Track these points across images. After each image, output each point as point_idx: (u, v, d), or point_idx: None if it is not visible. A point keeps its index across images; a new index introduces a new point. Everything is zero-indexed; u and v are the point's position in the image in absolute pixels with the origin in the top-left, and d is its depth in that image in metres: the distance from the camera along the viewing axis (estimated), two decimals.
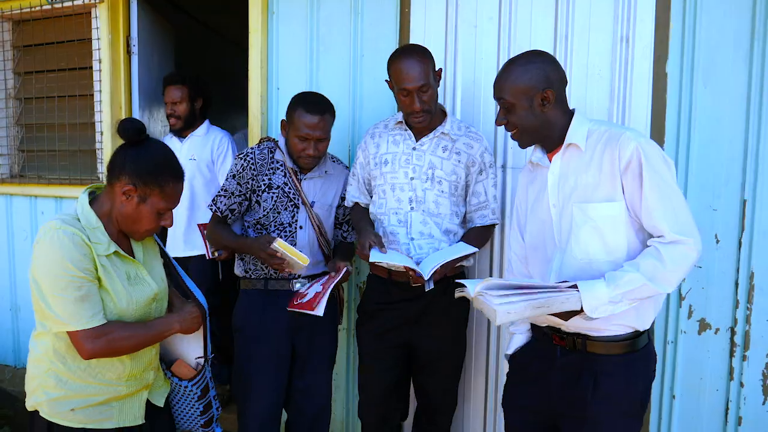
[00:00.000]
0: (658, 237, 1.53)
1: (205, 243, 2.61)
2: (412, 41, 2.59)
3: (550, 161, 1.71)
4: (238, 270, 2.37)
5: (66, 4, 3.30)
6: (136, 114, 3.32)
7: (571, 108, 1.73)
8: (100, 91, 3.28)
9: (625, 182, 1.56)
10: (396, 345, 2.21)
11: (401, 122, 2.20)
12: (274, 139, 2.38)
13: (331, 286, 2.11)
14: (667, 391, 2.28)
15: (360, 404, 2.37)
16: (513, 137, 1.73)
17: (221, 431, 1.95)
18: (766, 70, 2.07)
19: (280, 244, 2.08)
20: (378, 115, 2.70)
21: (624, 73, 2.26)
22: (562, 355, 1.69)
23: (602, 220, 1.59)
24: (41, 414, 1.60)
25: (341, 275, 2.15)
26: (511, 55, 2.39)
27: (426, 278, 1.87)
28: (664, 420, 2.29)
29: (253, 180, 2.26)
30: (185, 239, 3.12)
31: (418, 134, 2.17)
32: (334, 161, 2.43)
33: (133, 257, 1.67)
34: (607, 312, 1.52)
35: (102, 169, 3.32)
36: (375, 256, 1.96)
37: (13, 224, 3.67)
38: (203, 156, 3.14)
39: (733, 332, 2.19)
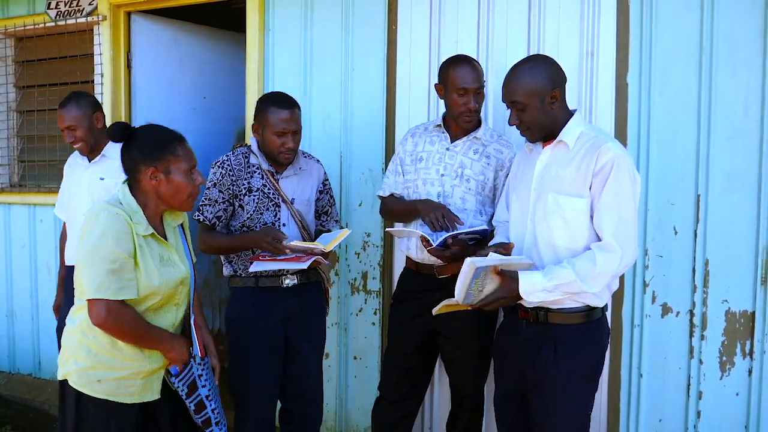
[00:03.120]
0: (600, 241, 1.78)
1: None
2: (399, 57, 2.83)
3: (543, 149, 1.93)
4: (226, 271, 2.45)
5: (69, 22, 3.49)
6: (136, 123, 3.49)
7: (572, 108, 1.95)
8: (102, 103, 3.44)
9: (594, 183, 1.80)
10: (419, 332, 2.38)
11: (440, 125, 2.39)
12: (247, 144, 2.49)
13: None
14: (635, 370, 2.50)
15: (380, 381, 2.55)
16: (523, 134, 1.92)
17: None
18: (713, 79, 2.35)
19: (293, 245, 2.21)
20: (368, 125, 2.92)
21: (590, 84, 2.51)
22: (527, 327, 1.90)
23: (570, 212, 1.82)
24: (70, 383, 1.73)
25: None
26: (490, 69, 2.67)
27: (434, 244, 2.06)
28: (633, 396, 2.50)
29: (233, 185, 2.35)
30: None
31: (453, 137, 2.37)
32: (306, 157, 2.53)
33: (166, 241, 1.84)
34: (540, 298, 1.77)
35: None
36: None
37: (11, 232, 3.79)
38: None
39: (692, 315, 2.42)
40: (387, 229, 2.19)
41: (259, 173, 2.39)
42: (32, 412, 3.47)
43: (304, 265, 2.20)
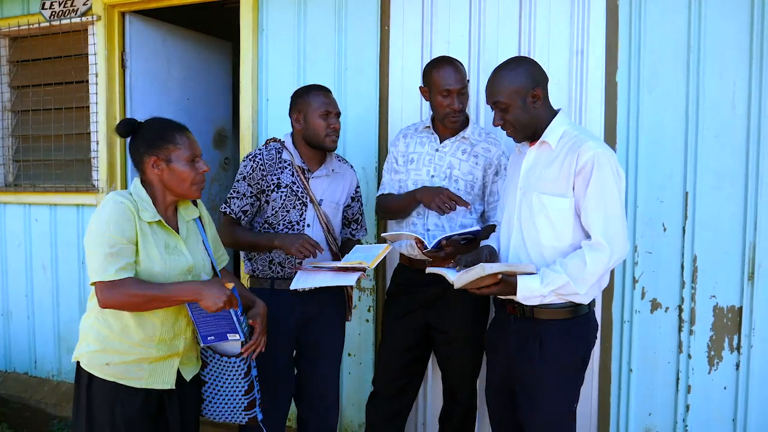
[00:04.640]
0: (588, 238, 1.82)
1: None
2: (391, 57, 2.86)
3: (529, 149, 1.96)
4: (246, 269, 2.43)
5: (64, 21, 3.50)
6: None
7: (556, 108, 1.98)
8: (96, 103, 3.46)
9: (576, 183, 1.83)
10: (413, 327, 2.41)
11: (429, 126, 2.42)
12: (280, 140, 2.44)
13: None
14: (625, 365, 2.53)
15: (375, 376, 2.59)
16: (509, 134, 1.95)
17: (263, 417, 1.99)
18: (701, 78, 2.38)
19: (339, 263, 2.15)
20: (361, 125, 2.95)
21: (580, 83, 2.54)
22: (515, 322, 1.94)
23: (554, 211, 1.85)
24: (81, 364, 1.80)
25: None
26: (481, 68, 2.70)
27: (429, 246, 2.10)
28: (623, 391, 2.54)
29: (262, 180, 2.31)
30: None
31: (442, 137, 2.40)
32: (340, 160, 2.51)
33: (177, 232, 1.88)
34: (536, 302, 1.83)
35: (97, 176, 3.49)
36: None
37: (6, 231, 3.79)
38: None
39: (680, 310, 2.46)
40: (382, 234, 2.22)
41: (290, 169, 2.35)
42: (28, 411, 3.49)
43: (352, 281, 2.09)
